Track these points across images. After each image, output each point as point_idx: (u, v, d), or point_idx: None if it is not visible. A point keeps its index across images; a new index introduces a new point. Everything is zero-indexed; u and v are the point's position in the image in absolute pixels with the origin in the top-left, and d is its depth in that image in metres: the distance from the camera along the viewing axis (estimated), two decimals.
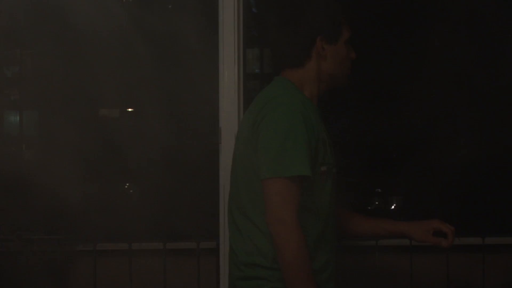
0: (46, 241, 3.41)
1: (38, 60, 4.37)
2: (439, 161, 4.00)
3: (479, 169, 3.97)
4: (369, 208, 4.26)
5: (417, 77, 4.02)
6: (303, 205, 2.09)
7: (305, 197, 2.10)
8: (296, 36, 2.23)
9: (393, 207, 4.23)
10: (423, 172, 4.02)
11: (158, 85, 4.30)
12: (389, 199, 3.98)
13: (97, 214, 4.03)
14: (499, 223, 3.71)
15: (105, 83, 4.21)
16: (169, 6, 4.45)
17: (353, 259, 3.31)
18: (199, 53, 3.99)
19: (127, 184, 4.45)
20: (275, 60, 2.31)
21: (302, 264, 2.04)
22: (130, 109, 4.54)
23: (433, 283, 3.34)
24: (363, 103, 4.02)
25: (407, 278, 3.15)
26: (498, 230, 3.45)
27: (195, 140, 4.20)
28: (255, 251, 2.14)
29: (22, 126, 4.34)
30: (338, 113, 3.91)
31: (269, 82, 2.28)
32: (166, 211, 4.16)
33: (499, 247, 3.34)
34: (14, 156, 4.40)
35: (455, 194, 3.97)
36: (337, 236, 2.29)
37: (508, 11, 3.89)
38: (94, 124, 4.36)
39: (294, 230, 2.03)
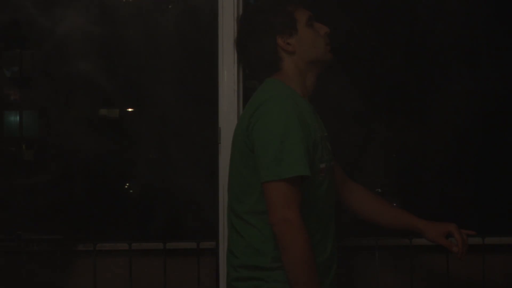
0: (46, 241, 3.40)
1: (38, 60, 4.37)
2: (439, 161, 4.00)
3: (479, 169, 3.97)
4: None
5: (416, 76, 4.02)
6: (304, 204, 2.09)
7: (306, 196, 2.11)
8: (258, 47, 2.23)
9: None
10: (423, 172, 4.02)
11: (158, 84, 4.30)
12: (389, 199, 3.97)
13: (97, 214, 4.04)
14: (499, 223, 3.71)
15: (105, 83, 4.21)
16: (169, 6, 4.45)
17: (353, 259, 3.31)
18: (199, 53, 4.00)
19: (127, 184, 4.45)
20: (255, 76, 2.32)
21: (308, 262, 2.04)
22: (130, 109, 4.54)
23: (433, 283, 3.34)
24: (362, 102, 4.01)
25: (407, 278, 3.15)
26: (498, 230, 3.45)
27: (195, 139, 4.20)
28: (254, 253, 2.15)
29: (22, 126, 4.34)
30: (338, 113, 3.91)
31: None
32: (166, 211, 4.16)
33: (499, 247, 3.34)
34: (14, 156, 4.40)
35: (455, 194, 3.97)
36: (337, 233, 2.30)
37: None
38: (94, 124, 4.36)
39: (299, 228, 2.04)
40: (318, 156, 2.15)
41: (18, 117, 4.37)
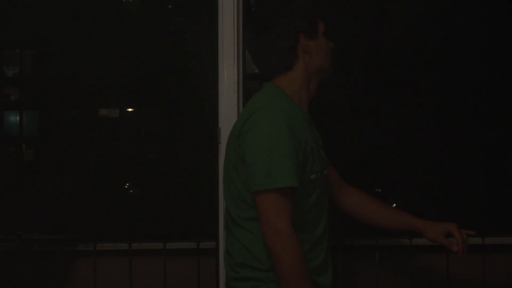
0: (46, 241, 3.40)
1: (38, 60, 4.37)
2: (439, 161, 4.00)
3: (479, 169, 3.97)
4: None
5: (415, 76, 4.02)
6: (294, 213, 2.10)
7: (296, 206, 2.11)
8: (280, 39, 2.23)
9: (393, 207, 4.22)
10: (423, 172, 4.02)
11: (158, 84, 4.30)
12: (389, 199, 3.97)
13: (97, 214, 4.04)
14: (499, 223, 3.71)
15: (105, 82, 4.21)
16: (169, 6, 4.45)
17: (353, 259, 3.31)
18: (199, 53, 4.00)
19: (127, 184, 4.45)
20: (263, 70, 2.31)
21: (300, 272, 2.05)
22: (130, 109, 4.54)
23: (433, 283, 3.34)
24: (362, 102, 4.01)
25: (407, 278, 3.15)
26: (498, 230, 3.45)
27: (195, 140, 4.20)
28: (248, 255, 2.16)
29: (22, 126, 4.34)
30: (338, 113, 3.91)
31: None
32: (166, 211, 4.16)
33: (499, 247, 3.34)
34: (14, 156, 4.40)
35: (455, 194, 3.97)
36: (330, 235, 2.30)
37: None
38: (94, 124, 4.36)
39: (290, 239, 2.05)
40: (309, 167, 2.16)
41: (18, 117, 4.37)
